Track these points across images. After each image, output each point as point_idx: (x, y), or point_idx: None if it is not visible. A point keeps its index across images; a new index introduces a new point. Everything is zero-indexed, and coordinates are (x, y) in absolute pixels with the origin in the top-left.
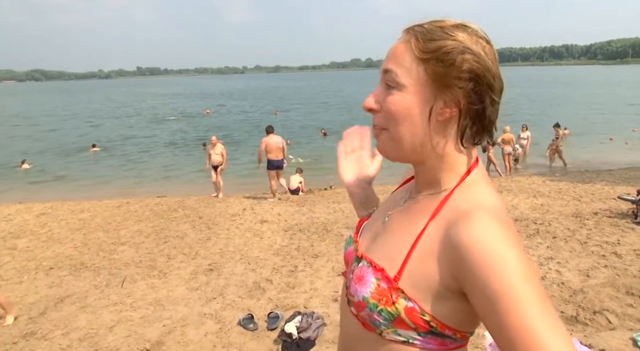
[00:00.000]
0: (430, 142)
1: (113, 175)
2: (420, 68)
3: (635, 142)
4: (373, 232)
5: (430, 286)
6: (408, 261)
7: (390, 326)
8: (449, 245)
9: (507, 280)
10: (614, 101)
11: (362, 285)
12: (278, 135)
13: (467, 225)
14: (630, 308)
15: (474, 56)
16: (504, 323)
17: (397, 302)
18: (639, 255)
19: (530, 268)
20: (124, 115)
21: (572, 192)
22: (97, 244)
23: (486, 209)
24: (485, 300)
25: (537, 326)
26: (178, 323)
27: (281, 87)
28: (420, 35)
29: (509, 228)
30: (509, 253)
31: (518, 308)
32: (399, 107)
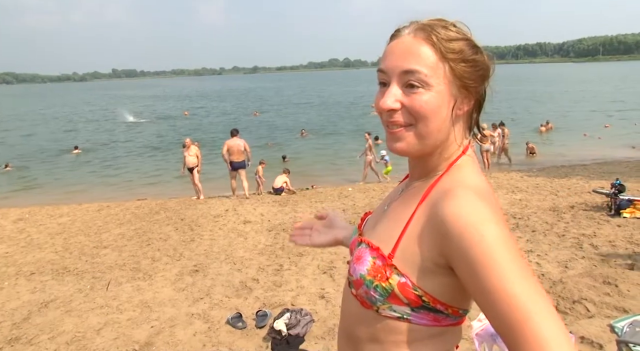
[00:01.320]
0: (450, 134)
1: (91, 179)
2: (447, 67)
3: (607, 137)
4: (374, 221)
5: (421, 263)
6: (401, 240)
7: (385, 302)
8: (434, 222)
9: (486, 247)
10: (587, 98)
11: (359, 264)
12: (242, 138)
13: (448, 202)
14: (607, 297)
15: (483, 53)
16: (485, 287)
17: (390, 278)
18: (614, 246)
19: (508, 237)
20: (102, 118)
21: (549, 186)
22: (79, 248)
23: (467, 186)
24: (467, 267)
25: (516, 288)
26: (166, 323)
27: (260, 87)
28: (438, 35)
29: (489, 203)
30: (487, 224)
31: (497, 272)
32: (430, 105)
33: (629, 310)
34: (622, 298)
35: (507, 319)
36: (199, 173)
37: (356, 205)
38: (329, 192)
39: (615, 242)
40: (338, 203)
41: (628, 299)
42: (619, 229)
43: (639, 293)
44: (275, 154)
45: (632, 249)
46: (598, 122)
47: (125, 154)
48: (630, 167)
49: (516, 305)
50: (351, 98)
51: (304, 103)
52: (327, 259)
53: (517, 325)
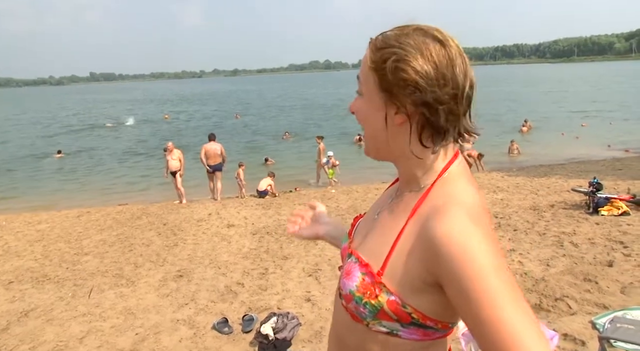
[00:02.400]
0: (391, 144)
1: (70, 185)
2: (372, 76)
3: (584, 136)
4: (365, 229)
5: (411, 281)
6: (390, 257)
7: (375, 318)
8: (424, 241)
9: (478, 272)
10: (564, 98)
11: (349, 279)
12: (219, 142)
13: (439, 220)
14: (587, 294)
15: (410, 63)
16: (477, 314)
17: (379, 296)
18: (593, 244)
19: (500, 261)
20: (80, 123)
21: (529, 186)
22: (59, 255)
23: (459, 204)
24: (458, 292)
25: (508, 317)
26: (151, 330)
27: (240, 90)
28: (375, 45)
29: (481, 223)
30: (479, 247)
31: (489, 299)
32: (359, 112)
33: (609, 306)
34: (602, 295)
35: (497, 345)
36: (181, 177)
37: (340, 207)
38: (312, 195)
39: (594, 240)
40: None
41: (608, 295)
42: (597, 227)
43: (618, 289)
44: (256, 156)
45: (611, 246)
46: (575, 121)
47: (105, 159)
48: (606, 166)
49: (507, 333)
50: (333, 101)
51: (286, 106)
52: (312, 262)
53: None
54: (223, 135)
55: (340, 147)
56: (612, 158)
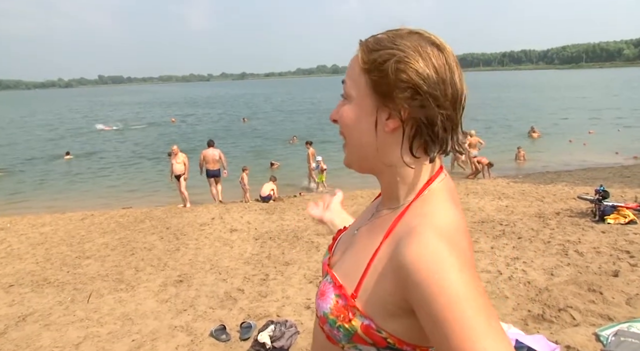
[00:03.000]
0: (379, 153)
1: (75, 187)
2: (364, 79)
3: (592, 143)
4: (344, 245)
5: (384, 305)
6: (364, 280)
7: (350, 341)
8: (395, 265)
9: (447, 301)
10: (572, 104)
11: (323, 301)
12: (218, 148)
13: (410, 244)
14: (592, 305)
15: (411, 65)
16: (447, 343)
17: (353, 320)
18: (599, 253)
19: (472, 286)
20: (87, 126)
21: (535, 193)
22: (61, 259)
23: (433, 226)
24: (428, 319)
25: (481, 345)
26: (148, 337)
27: (248, 94)
28: (368, 46)
29: (456, 247)
30: (450, 275)
31: (459, 329)
32: (347, 117)
33: (613, 318)
34: (607, 306)
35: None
36: (185, 181)
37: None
38: (315, 199)
39: (599, 249)
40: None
41: (613, 306)
42: (603, 235)
43: (623, 300)
44: (263, 161)
45: (617, 256)
46: (583, 128)
47: (111, 162)
48: (613, 173)
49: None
50: None
51: (293, 110)
52: (314, 268)
53: None
54: (230, 139)
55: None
56: (619, 165)
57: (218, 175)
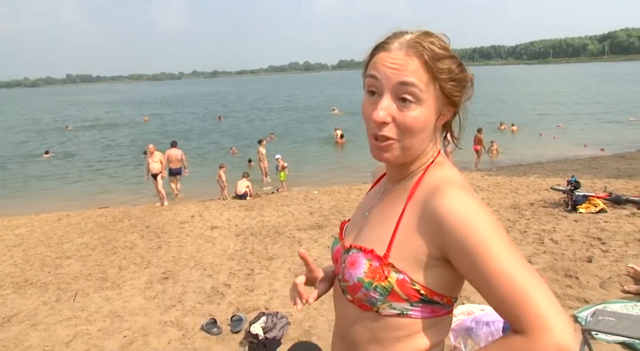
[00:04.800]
0: (431, 144)
1: (49, 188)
2: (436, 85)
3: (561, 136)
4: (357, 227)
5: (417, 258)
6: (394, 239)
7: (385, 301)
8: (428, 217)
9: (480, 234)
10: (542, 99)
11: (355, 268)
12: (180, 148)
13: (440, 197)
14: (569, 289)
15: (469, 73)
16: (484, 272)
17: (389, 276)
18: (573, 241)
19: (497, 223)
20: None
21: (509, 185)
22: (40, 260)
23: (453, 182)
24: (464, 256)
25: (512, 269)
26: (139, 332)
27: (221, 92)
28: (429, 53)
29: (474, 195)
30: (477, 213)
31: (493, 257)
32: (420, 122)
33: (589, 301)
34: (583, 290)
35: (507, 299)
36: (162, 179)
37: (322, 208)
38: (294, 196)
39: (573, 236)
40: (304, 206)
41: (588, 290)
42: (576, 224)
43: (597, 284)
44: (241, 158)
45: (589, 243)
46: (552, 122)
47: (84, 162)
48: (582, 164)
49: (515, 285)
50: (317, 102)
51: (268, 108)
52: (298, 262)
53: (517, 303)
54: (206, 137)
55: (325, 148)
56: (588, 157)
57: (179, 173)
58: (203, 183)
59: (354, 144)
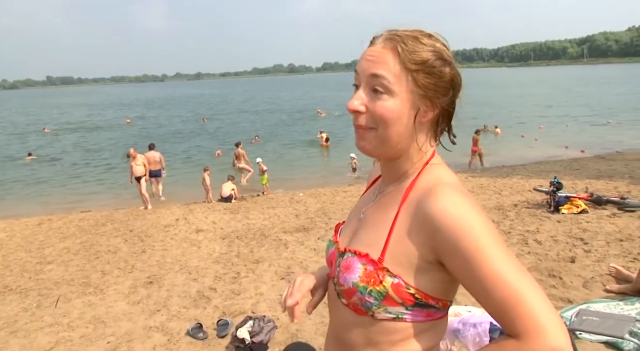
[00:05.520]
0: (412, 140)
1: (28, 192)
2: (410, 77)
3: (542, 138)
4: (351, 230)
5: (411, 261)
6: (389, 243)
7: (380, 305)
8: (421, 220)
9: (474, 237)
10: (523, 101)
11: (350, 273)
12: (158, 151)
13: (433, 199)
14: (553, 289)
15: (452, 66)
16: (478, 275)
17: (384, 280)
18: (556, 241)
19: (491, 226)
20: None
21: (493, 186)
22: (20, 265)
23: (447, 184)
24: (458, 258)
25: (506, 272)
26: (123, 338)
27: (205, 94)
28: (405, 45)
29: (468, 197)
30: (472, 216)
31: (488, 259)
32: (390, 112)
33: (572, 300)
34: (566, 290)
35: (501, 302)
36: (146, 182)
37: (308, 210)
38: (280, 198)
39: (556, 237)
40: (290, 209)
41: (572, 290)
42: (559, 225)
43: (580, 284)
44: (225, 160)
45: (572, 243)
46: (534, 123)
47: (64, 165)
48: (564, 166)
49: (509, 288)
50: (302, 104)
51: (253, 110)
52: (284, 265)
53: (511, 306)
54: (190, 140)
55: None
56: (569, 158)
57: (159, 175)
58: (187, 186)
59: (339, 147)
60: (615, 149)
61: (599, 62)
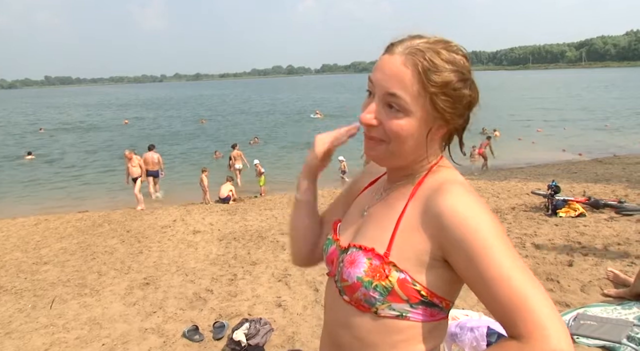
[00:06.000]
0: (423, 152)
1: (25, 192)
2: (427, 98)
3: (540, 141)
4: (354, 227)
5: (418, 257)
6: (395, 238)
7: (385, 301)
8: (429, 216)
9: (482, 236)
10: (521, 104)
11: (355, 267)
12: (157, 152)
13: (442, 197)
14: (550, 293)
15: (474, 89)
16: (484, 275)
17: (390, 275)
18: (554, 245)
19: (499, 227)
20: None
21: (491, 189)
22: (16, 265)
23: (455, 182)
24: (464, 257)
25: (512, 275)
26: (118, 340)
27: (204, 95)
28: (426, 62)
29: (477, 196)
30: (480, 215)
31: (494, 260)
32: (405, 131)
33: (570, 304)
34: (564, 293)
35: (506, 304)
36: (142, 183)
37: None
38: (277, 200)
39: (554, 241)
40: (288, 211)
41: (569, 294)
42: (556, 228)
43: (578, 288)
44: (224, 161)
45: (570, 246)
46: (531, 126)
47: (62, 166)
48: (562, 169)
49: (514, 290)
50: (301, 106)
51: (253, 111)
52: (281, 267)
53: (515, 308)
54: (189, 141)
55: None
56: (567, 162)
57: (157, 176)
58: (185, 187)
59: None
60: (613, 153)
61: (597, 66)
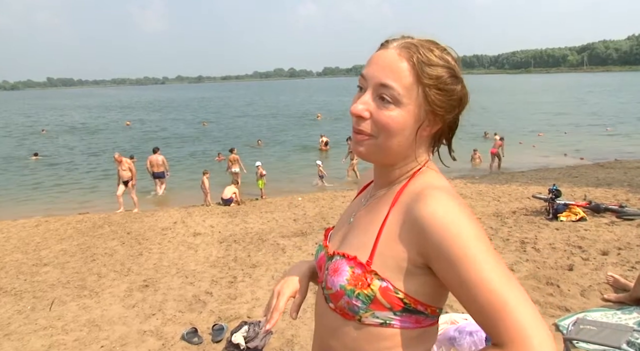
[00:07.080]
0: (411, 150)
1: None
2: (420, 91)
3: (541, 145)
4: (341, 233)
5: (400, 265)
6: (377, 245)
7: (368, 309)
8: (410, 223)
9: (462, 241)
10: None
11: (337, 275)
12: (162, 154)
13: (423, 202)
14: (550, 297)
15: (462, 84)
16: (464, 280)
17: (371, 284)
18: (554, 249)
19: (480, 231)
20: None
21: (492, 193)
22: (16, 267)
23: (437, 187)
24: (446, 263)
25: (493, 280)
26: (117, 342)
27: (206, 97)
28: (421, 56)
29: (459, 201)
30: (461, 220)
31: (475, 266)
32: (396, 123)
33: (570, 309)
34: (564, 298)
35: (487, 309)
36: (133, 187)
37: (307, 215)
38: (278, 202)
39: (555, 245)
40: (288, 213)
41: (569, 298)
42: (557, 232)
43: (578, 292)
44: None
45: (570, 251)
46: (533, 130)
47: (63, 167)
48: (562, 173)
49: (494, 295)
50: (304, 109)
51: (255, 114)
52: (281, 270)
53: (496, 314)
54: (190, 143)
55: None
56: (567, 166)
57: (162, 177)
58: (186, 189)
59: (338, 151)
60: (614, 157)
61: (599, 70)
